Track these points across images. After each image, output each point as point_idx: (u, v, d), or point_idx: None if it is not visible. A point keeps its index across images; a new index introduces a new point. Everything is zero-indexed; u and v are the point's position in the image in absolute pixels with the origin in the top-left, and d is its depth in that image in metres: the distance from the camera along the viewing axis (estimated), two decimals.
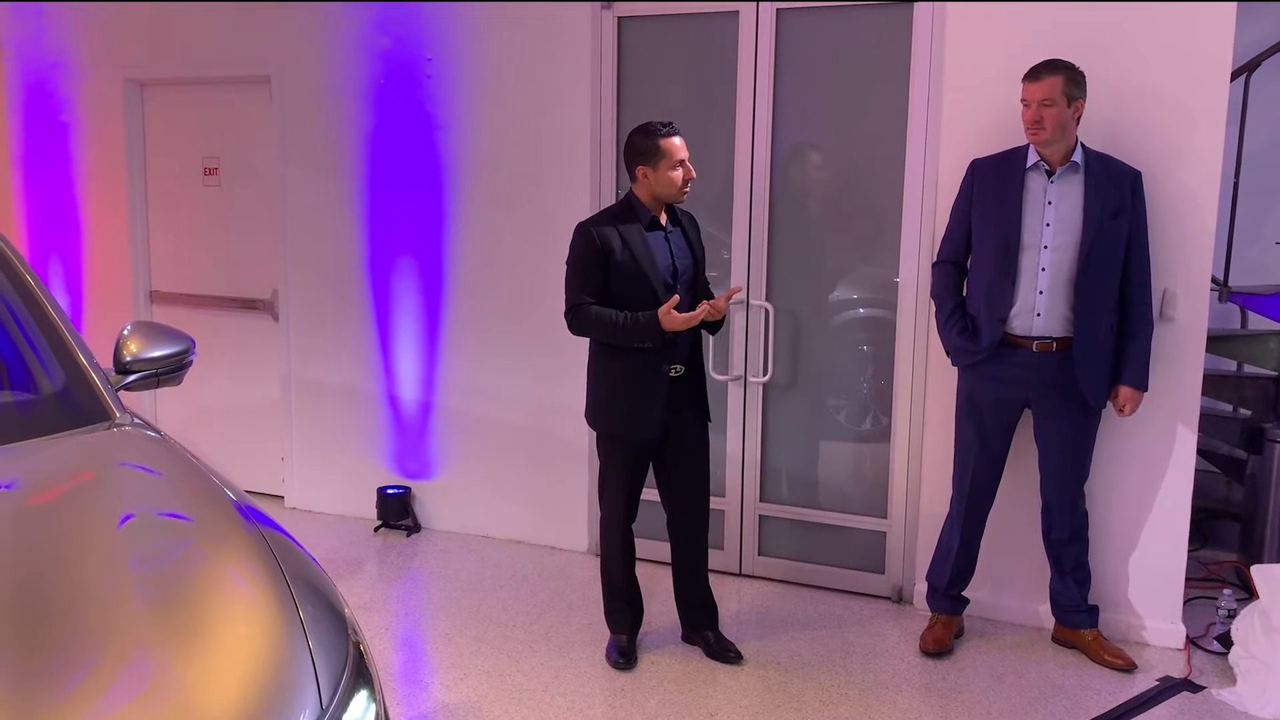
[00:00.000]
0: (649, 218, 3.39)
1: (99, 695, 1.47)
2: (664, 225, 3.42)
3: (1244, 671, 3.38)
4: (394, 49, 4.66)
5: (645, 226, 3.38)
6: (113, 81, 5.26)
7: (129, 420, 2.34)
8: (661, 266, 3.37)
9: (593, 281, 3.35)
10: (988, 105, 3.71)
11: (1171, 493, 3.67)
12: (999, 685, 3.45)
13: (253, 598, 1.71)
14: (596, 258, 3.34)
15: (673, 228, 3.45)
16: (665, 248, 3.40)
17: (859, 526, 4.18)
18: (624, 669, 3.51)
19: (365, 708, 1.66)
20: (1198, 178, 3.53)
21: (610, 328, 3.34)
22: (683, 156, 3.36)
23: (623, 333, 3.33)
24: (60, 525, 1.83)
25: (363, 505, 4.96)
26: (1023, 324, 3.46)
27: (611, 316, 3.32)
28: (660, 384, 3.38)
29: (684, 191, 3.38)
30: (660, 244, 3.39)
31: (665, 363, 3.38)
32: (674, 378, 3.40)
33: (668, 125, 3.36)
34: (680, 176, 3.36)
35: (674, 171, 3.34)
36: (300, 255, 4.97)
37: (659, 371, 3.37)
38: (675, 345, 3.38)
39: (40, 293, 2.51)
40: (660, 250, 3.38)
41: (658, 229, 3.41)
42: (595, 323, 3.35)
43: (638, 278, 3.33)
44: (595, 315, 3.34)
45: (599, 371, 3.48)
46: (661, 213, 3.43)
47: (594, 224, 3.40)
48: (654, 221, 3.40)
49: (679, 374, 3.42)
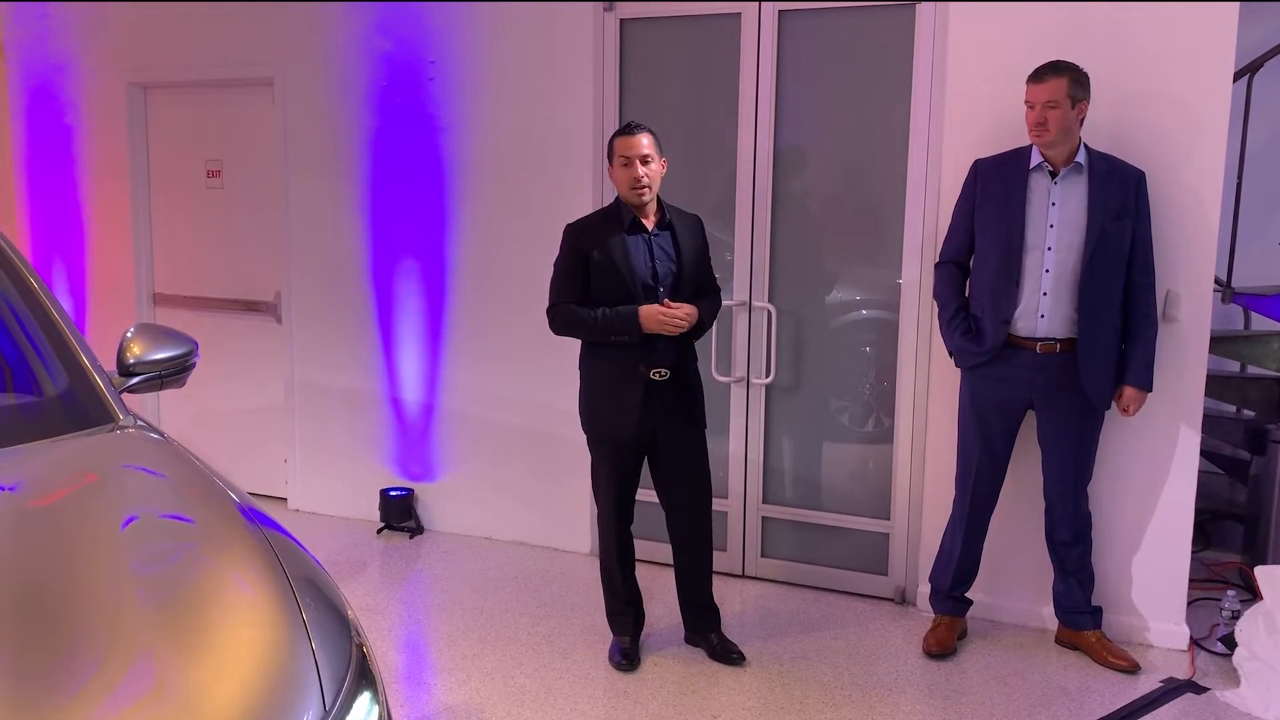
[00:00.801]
0: (630, 219, 3.37)
1: (102, 698, 1.47)
2: (648, 228, 3.39)
3: (1248, 673, 3.37)
4: (396, 51, 4.67)
5: (626, 229, 3.36)
6: (116, 84, 5.27)
7: (132, 422, 2.34)
8: (639, 269, 3.35)
9: (573, 283, 3.37)
10: (990, 106, 3.71)
11: (1175, 494, 3.67)
12: (1002, 687, 3.45)
13: (256, 600, 1.71)
14: (576, 259, 3.36)
15: (659, 231, 3.41)
16: (644, 250, 3.37)
17: (862, 528, 4.18)
18: (626, 670, 3.51)
19: (368, 709, 1.66)
20: (1201, 178, 3.53)
21: (588, 325, 3.35)
22: (632, 154, 3.29)
23: (599, 328, 3.33)
24: (63, 527, 1.83)
25: (366, 507, 4.96)
26: (1026, 325, 3.46)
27: (588, 314, 3.34)
28: (638, 386, 3.37)
29: (635, 192, 3.32)
30: (639, 246, 3.37)
31: (645, 365, 3.36)
32: (657, 381, 3.38)
33: (630, 125, 3.34)
34: (627, 175, 3.31)
35: (623, 170, 3.32)
36: (303, 257, 4.97)
37: (638, 374, 3.36)
38: (655, 349, 3.35)
39: (43, 295, 2.51)
40: (638, 253, 3.36)
41: (640, 231, 3.38)
42: (573, 321, 3.37)
43: (614, 279, 3.33)
44: (573, 313, 3.36)
45: (585, 371, 3.51)
46: (648, 215, 3.40)
47: (577, 225, 3.42)
48: (635, 223, 3.38)
49: (662, 378, 3.39)
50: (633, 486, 3.54)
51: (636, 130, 3.33)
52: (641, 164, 3.30)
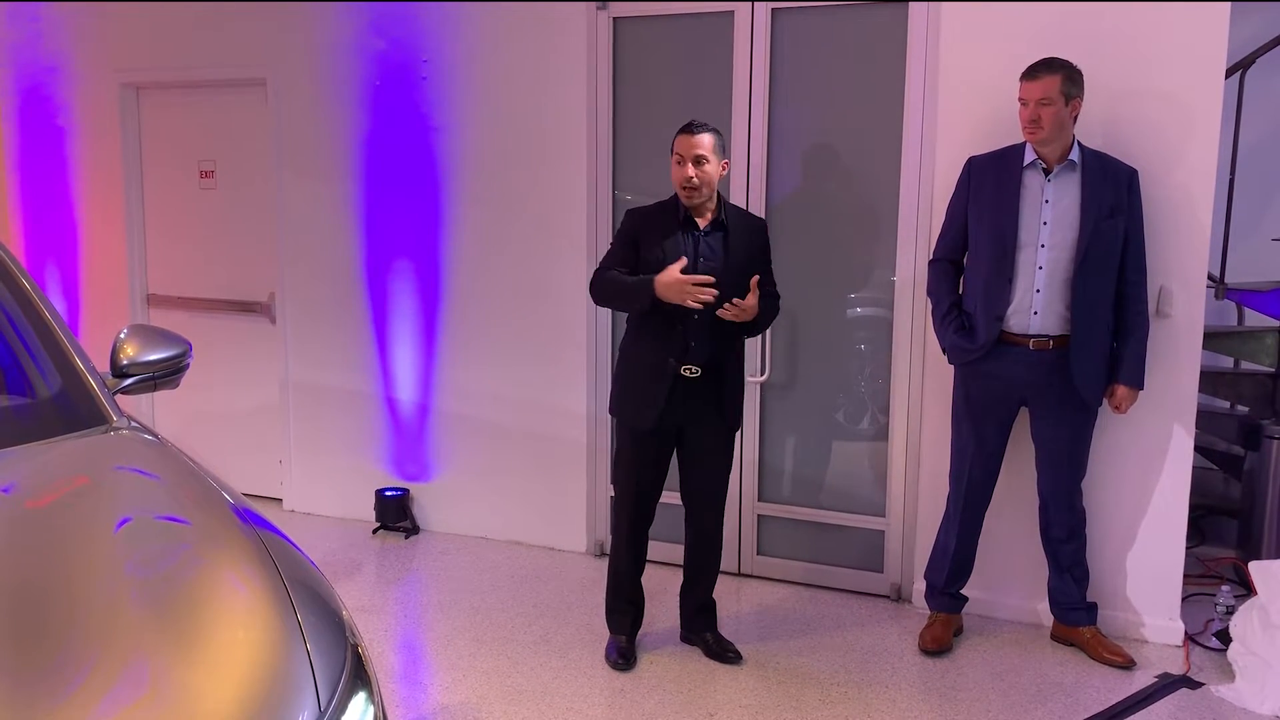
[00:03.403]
0: (683, 215, 3.37)
1: (96, 700, 1.47)
2: (700, 227, 3.37)
3: (1242, 668, 3.38)
4: (389, 51, 4.66)
5: (678, 225, 3.37)
6: (109, 85, 5.26)
7: (126, 424, 2.34)
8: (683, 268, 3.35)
9: (619, 258, 3.41)
10: (983, 104, 3.72)
11: (1169, 489, 3.68)
12: (998, 683, 3.45)
13: (250, 601, 1.71)
14: (628, 241, 3.41)
15: (712, 230, 3.38)
16: (690, 248, 3.36)
17: (857, 525, 4.18)
18: (622, 669, 3.51)
19: (364, 710, 1.66)
20: (1193, 175, 3.53)
21: (616, 286, 3.37)
22: (687, 153, 3.29)
23: (622, 292, 3.36)
24: (57, 529, 1.83)
25: (361, 507, 4.96)
26: (1019, 322, 3.46)
27: (619, 277, 3.36)
28: (666, 379, 3.36)
29: (685, 191, 3.32)
30: (685, 243, 3.36)
31: (676, 360, 3.35)
32: (688, 378, 3.37)
33: (693, 123, 3.33)
34: (679, 174, 3.32)
35: (676, 167, 3.33)
36: (297, 258, 4.97)
37: (668, 367, 3.36)
38: (689, 344, 3.35)
39: (37, 297, 2.51)
40: (682, 249, 3.34)
41: (691, 229, 3.37)
42: (606, 282, 3.39)
43: (655, 271, 3.32)
44: (609, 277, 3.39)
45: (621, 357, 3.53)
46: (704, 214, 3.37)
47: (637, 212, 3.46)
48: (688, 220, 3.37)
49: (693, 375, 3.37)
50: (655, 486, 3.51)
51: (698, 130, 3.32)
52: (694, 164, 3.29)
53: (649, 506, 3.54)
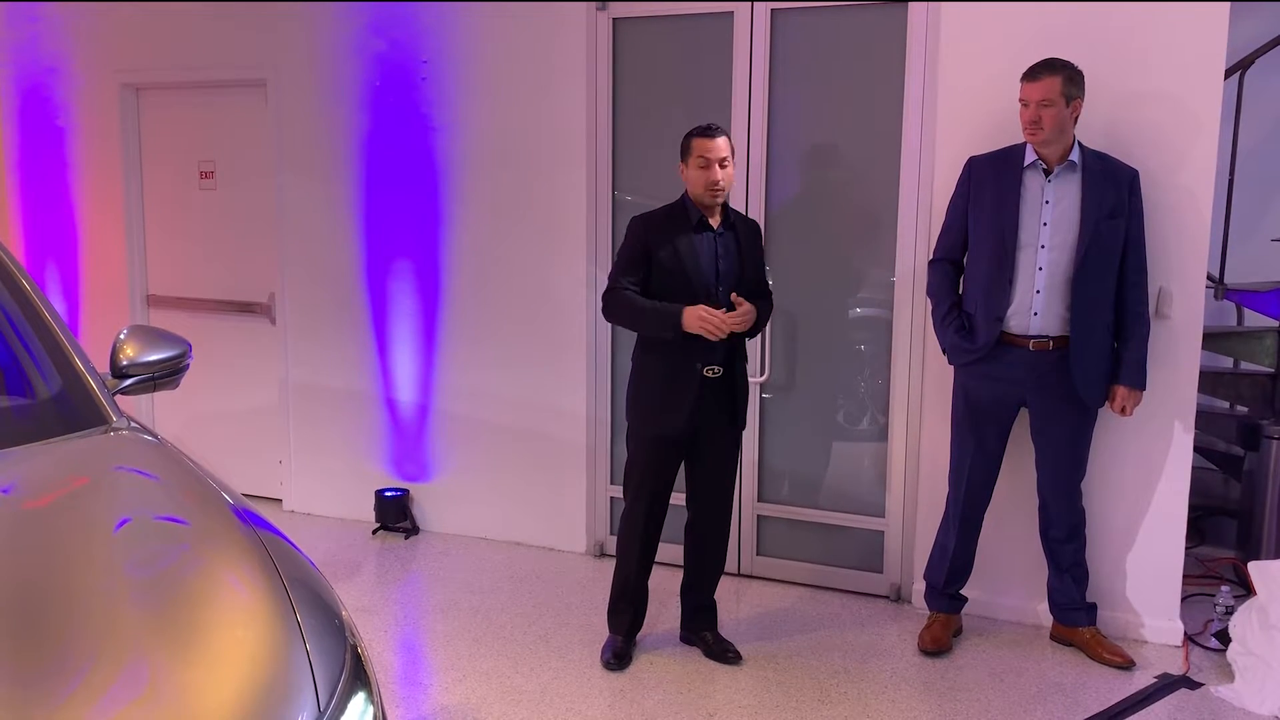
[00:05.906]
0: (697, 218, 3.38)
1: (95, 700, 1.47)
2: (714, 227, 3.40)
3: (1242, 668, 3.38)
4: (389, 52, 4.66)
5: (694, 227, 3.37)
6: (108, 86, 5.26)
7: (125, 424, 2.34)
8: (705, 268, 3.36)
9: (634, 271, 3.38)
10: (982, 104, 3.72)
11: (1169, 490, 3.68)
12: (997, 683, 3.45)
13: (249, 601, 1.71)
14: (640, 251, 3.38)
15: (724, 231, 3.41)
16: (711, 250, 3.37)
17: (857, 526, 4.19)
18: (615, 669, 3.51)
19: (363, 710, 1.66)
20: (1193, 175, 3.53)
21: (636, 312, 3.36)
22: (713, 156, 3.31)
23: (645, 319, 3.35)
24: (57, 529, 1.83)
25: (361, 508, 4.96)
26: (1019, 323, 3.46)
27: (639, 301, 3.34)
28: (692, 382, 3.37)
29: (710, 193, 3.34)
30: (706, 246, 3.37)
31: (700, 363, 3.37)
32: (710, 378, 3.39)
33: (711, 126, 3.35)
34: (705, 177, 3.33)
35: (700, 170, 3.33)
36: (297, 258, 4.97)
37: (693, 370, 3.37)
38: (710, 346, 3.36)
39: (36, 297, 2.51)
40: (705, 252, 3.36)
41: (706, 230, 3.38)
42: (624, 305, 3.38)
43: (678, 277, 3.34)
44: (626, 299, 3.37)
45: (637, 366, 3.51)
46: (715, 215, 3.40)
47: (645, 219, 3.43)
48: (702, 222, 3.38)
49: (716, 375, 3.40)
50: (668, 489, 3.52)
51: (717, 133, 3.34)
52: (720, 167, 3.32)
53: (663, 512, 3.55)
